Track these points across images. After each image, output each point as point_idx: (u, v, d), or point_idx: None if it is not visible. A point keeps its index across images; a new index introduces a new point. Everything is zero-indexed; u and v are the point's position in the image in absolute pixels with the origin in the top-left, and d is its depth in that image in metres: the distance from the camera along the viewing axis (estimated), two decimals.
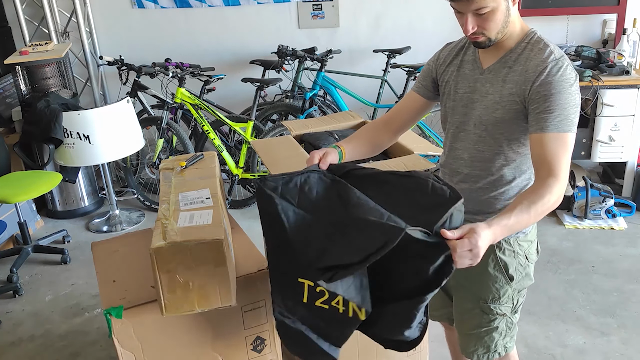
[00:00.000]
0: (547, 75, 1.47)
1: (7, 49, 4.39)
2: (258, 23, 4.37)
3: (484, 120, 1.60)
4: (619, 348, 2.56)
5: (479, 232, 1.26)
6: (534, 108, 1.49)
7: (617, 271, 3.13)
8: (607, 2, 3.87)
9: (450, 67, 1.69)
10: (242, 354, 1.93)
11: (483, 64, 1.61)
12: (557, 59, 1.48)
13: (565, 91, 1.46)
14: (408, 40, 4.23)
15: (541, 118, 1.47)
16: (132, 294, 1.76)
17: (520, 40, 1.55)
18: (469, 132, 1.64)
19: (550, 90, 1.46)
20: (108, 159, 3.67)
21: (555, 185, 1.44)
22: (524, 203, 1.39)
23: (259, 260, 1.93)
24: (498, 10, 1.46)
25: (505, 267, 1.68)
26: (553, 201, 1.43)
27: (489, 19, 1.47)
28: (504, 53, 1.56)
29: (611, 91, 3.57)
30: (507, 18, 1.49)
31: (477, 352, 1.79)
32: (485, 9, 1.45)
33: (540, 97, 1.47)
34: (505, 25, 1.50)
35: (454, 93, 1.67)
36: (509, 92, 1.54)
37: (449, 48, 1.74)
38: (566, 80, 1.46)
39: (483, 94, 1.60)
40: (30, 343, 2.83)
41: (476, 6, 1.44)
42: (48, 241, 3.71)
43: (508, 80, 1.54)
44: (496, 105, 1.56)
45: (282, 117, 4.21)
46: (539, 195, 1.42)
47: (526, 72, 1.51)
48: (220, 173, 2.19)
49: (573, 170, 3.79)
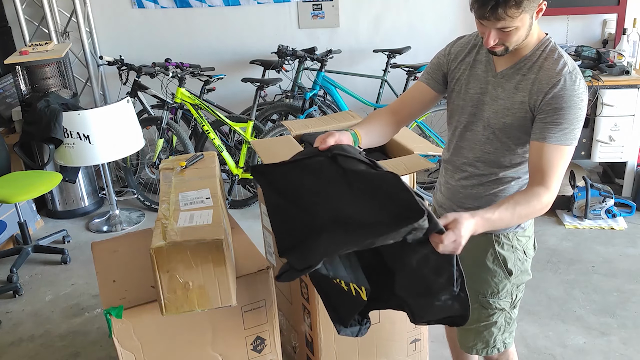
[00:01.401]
0: (560, 88, 1.48)
1: (7, 49, 4.39)
2: (258, 23, 4.37)
3: (492, 124, 1.60)
4: (619, 348, 2.56)
5: (462, 222, 1.29)
6: (542, 117, 1.50)
7: (617, 271, 3.13)
8: (607, 2, 3.87)
9: (462, 64, 1.68)
10: (242, 354, 1.93)
11: (497, 67, 1.61)
12: (571, 72, 1.49)
13: (576, 106, 1.47)
14: (408, 40, 4.23)
15: (546, 128, 1.48)
16: (132, 294, 1.77)
17: (535, 47, 1.55)
18: (476, 133, 1.65)
19: (562, 104, 1.47)
20: (108, 159, 3.67)
21: (544, 195, 1.46)
22: (510, 203, 1.43)
23: (259, 260, 1.93)
24: (522, 28, 1.47)
25: (504, 262, 1.70)
26: (538, 208, 1.46)
27: (512, 34, 1.47)
28: (518, 59, 1.56)
29: (611, 91, 3.57)
30: (529, 32, 1.50)
31: (476, 347, 1.80)
32: (510, 28, 1.45)
33: (551, 108, 1.48)
34: (526, 38, 1.51)
35: (464, 92, 1.67)
36: (520, 100, 1.54)
37: (461, 43, 1.71)
38: (578, 95, 1.47)
39: (494, 97, 1.60)
40: (30, 343, 2.83)
41: (502, 25, 1.44)
42: (48, 241, 3.71)
43: (520, 88, 1.55)
44: (506, 112, 1.57)
45: (282, 117, 4.21)
46: (526, 199, 1.45)
47: (539, 82, 1.51)
48: (220, 173, 2.20)
49: (573, 170, 3.79)
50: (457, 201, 1.74)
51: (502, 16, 1.41)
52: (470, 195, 1.70)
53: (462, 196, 1.72)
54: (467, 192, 1.70)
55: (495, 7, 1.40)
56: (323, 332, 2.13)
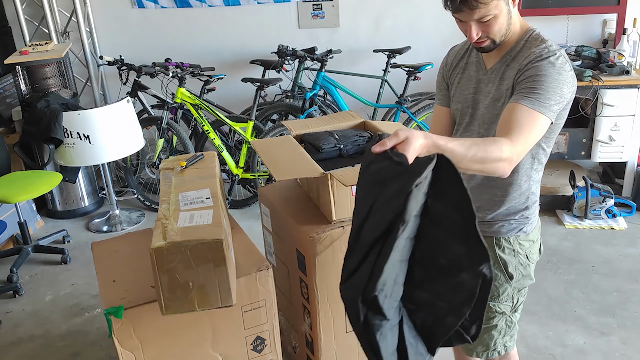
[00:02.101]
0: (536, 58, 1.48)
1: (7, 49, 4.39)
2: (258, 23, 4.37)
3: (486, 119, 1.61)
4: (619, 348, 2.56)
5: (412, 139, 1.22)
6: (518, 87, 1.48)
7: (617, 271, 3.13)
8: (607, 2, 3.87)
9: (456, 69, 1.72)
10: (242, 354, 1.93)
11: (486, 65, 1.63)
12: (550, 50, 1.49)
13: (552, 76, 1.45)
14: (408, 40, 4.23)
15: (520, 92, 1.46)
16: (132, 294, 1.77)
17: (519, 38, 1.57)
18: (473, 132, 1.66)
19: (537, 72, 1.46)
20: (108, 159, 3.67)
21: (505, 145, 1.35)
22: (468, 140, 1.33)
23: (259, 260, 1.93)
24: (501, 15, 1.47)
25: (505, 266, 1.69)
26: (496, 156, 1.33)
27: (492, 24, 1.48)
28: (504, 52, 1.58)
29: (611, 91, 3.57)
30: (509, 20, 1.51)
31: (477, 350, 1.80)
32: (488, 17, 1.46)
33: (526, 78, 1.47)
34: (508, 27, 1.52)
35: (459, 95, 1.69)
36: (505, 88, 1.55)
37: (454, 52, 1.76)
38: (555, 68, 1.46)
39: (485, 93, 1.61)
40: (30, 343, 2.83)
41: (479, 15, 1.45)
42: (48, 241, 3.71)
43: (506, 77, 1.56)
44: (496, 103, 1.58)
45: (282, 117, 4.21)
46: (485, 142, 1.35)
47: (520, 66, 1.52)
48: (220, 173, 2.20)
49: (573, 170, 3.79)
50: None
51: (475, 4, 1.42)
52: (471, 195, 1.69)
53: None
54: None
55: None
56: (323, 332, 2.13)
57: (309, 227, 2.01)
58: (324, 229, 1.99)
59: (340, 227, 2.00)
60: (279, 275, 2.33)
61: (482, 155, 1.31)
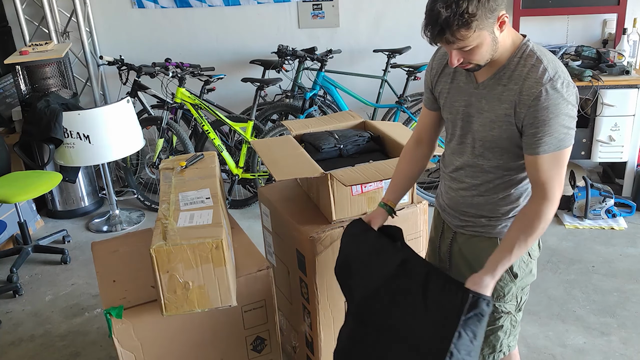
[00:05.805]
0: (544, 99, 1.42)
1: (7, 49, 4.39)
2: (258, 23, 4.37)
3: (481, 137, 1.58)
4: (619, 348, 2.56)
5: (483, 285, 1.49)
6: (532, 132, 1.46)
7: (617, 271, 3.13)
8: (607, 2, 3.87)
9: (443, 77, 1.66)
10: (242, 354, 1.93)
11: (477, 78, 1.57)
12: (552, 78, 1.43)
13: (563, 112, 1.43)
14: (408, 40, 4.22)
15: (538, 141, 1.45)
16: (132, 294, 1.77)
17: (512, 55, 1.49)
18: (468, 146, 1.64)
19: (548, 114, 1.42)
20: (108, 159, 3.67)
21: (548, 209, 1.50)
22: (521, 238, 1.50)
23: (259, 260, 1.93)
24: (484, 44, 1.41)
25: (510, 265, 1.69)
26: (545, 226, 1.52)
27: (474, 52, 1.42)
28: (497, 69, 1.51)
29: (611, 91, 3.57)
30: (495, 45, 1.44)
31: (483, 352, 1.79)
32: (469, 47, 1.40)
33: (539, 122, 1.44)
34: (495, 51, 1.45)
35: (450, 105, 1.65)
36: (504, 113, 1.50)
37: (439, 55, 1.69)
38: (564, 99, 1.42)
39: (479, 110, 1.57)
40: (30, 343, 2.83)
41: (458, 46, 1.40)
42: (48, 241, 3.71)
43: (503, 99, 1.50)
44: (492, 125, 1.54)
45: (282, 117, 4.21)
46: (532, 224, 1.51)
47: (521, 94, 1.46)
48: (220, 173, 2.20)
49: (573, 170, 3.79)
50: (459, 210, 1.73)
51: (452, 39, 1.37)
52: (472, 205, 1.69)
53: (464, 206, 1.71)
54: (468, 202, 1.69)
55: (442, 32, 1.36)
56: (323, 332, 2.13)
57: (309, 227, 2.01)
58: (324, 229, 1.99)
59: (340, 227, 2.00)
60: (279, 275, 2.33)
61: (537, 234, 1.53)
